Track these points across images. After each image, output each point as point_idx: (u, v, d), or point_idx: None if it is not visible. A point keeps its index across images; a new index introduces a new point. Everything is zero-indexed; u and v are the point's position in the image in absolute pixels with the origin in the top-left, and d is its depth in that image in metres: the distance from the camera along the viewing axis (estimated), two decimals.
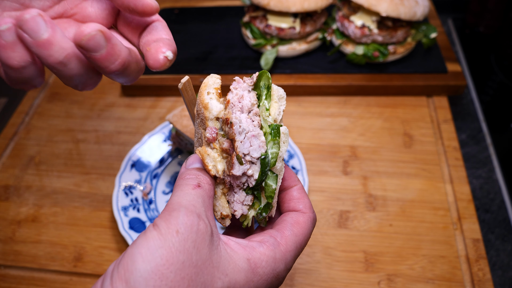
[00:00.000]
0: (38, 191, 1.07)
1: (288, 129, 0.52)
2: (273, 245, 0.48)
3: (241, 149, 0.48)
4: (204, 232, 0.43)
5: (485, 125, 1.23)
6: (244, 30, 1.31)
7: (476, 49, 1.48)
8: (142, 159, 1.04)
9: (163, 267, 0.39)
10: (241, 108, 0.50)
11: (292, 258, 0.50)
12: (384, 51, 1.20)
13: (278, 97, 0.53)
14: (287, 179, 0.55)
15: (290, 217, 0.52)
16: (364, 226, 0.96)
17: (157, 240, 0.41)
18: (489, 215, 1.04)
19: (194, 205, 0.45)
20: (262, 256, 0.46)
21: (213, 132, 0.50)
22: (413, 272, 0.88)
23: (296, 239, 0.50)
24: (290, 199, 0.54)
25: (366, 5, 1.14)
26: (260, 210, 0.52)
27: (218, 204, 0.52)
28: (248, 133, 0.48)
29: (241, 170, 0.48)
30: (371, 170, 1.06)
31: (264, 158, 0.49)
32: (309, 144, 1.13)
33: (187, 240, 0.41)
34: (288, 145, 0.52)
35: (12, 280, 0.92)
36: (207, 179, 0.50)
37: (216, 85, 0.52)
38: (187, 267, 0.40)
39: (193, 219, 0.43)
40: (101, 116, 1.24)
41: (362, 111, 1.20)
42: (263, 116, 0.51)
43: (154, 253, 0.40)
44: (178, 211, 0.43)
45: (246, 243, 0.48)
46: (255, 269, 0.45)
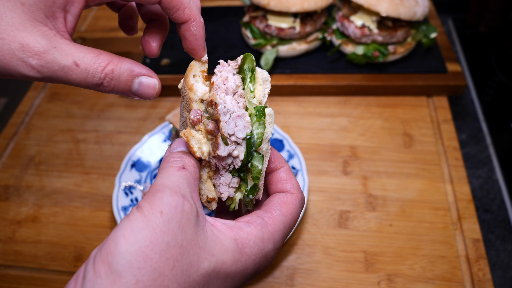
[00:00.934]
0: (38, 191, 1.07)
1: (273, 111, 0.52)
2: (260, 225, 0.48)
3: (226, 129, 0.47)
4: (189, 213, 0.42)
5: (485, 125, 1.23)
6: (244, 30, 1.31)
7: (476, 49, 1.48)
8: (142, 159, 1.04)
9: (147, 248, 0.39)
10: (226, 90, 0.50)
11: (281, 238, 0.49)
12: (384, 51, 1.20)
13: (263, 79, 0.53)
14: (273, 161, 0.55)
15: (278, 198, 0.52)
16: (364, 226, 0.96)
17: (140, 221, 0.40)
18: (489, 215, 1.04)
19: (179, 186, 0.44)
20: (250, 236, 0.46)
21: (198, 114, 0.50)
22: (413, 272, 0.88)
23: (284, 219, 0.50)
24: (278, 180, 0.54)
25: (366, 5, 1.14)
26: (246, 192, 0.52)
27: (204, 187, 0.51)
28: (233, 114, 0.48)
29: (227, 150, 0.48)
30: (371, 170, 1.06)
31: (249, 139, 0.48)
32: (309, 144, 1.13)
33: (172, 220, 0.41)
34: (273, 126, 0.52)
35: (12, 280, 0.92)
36: (192, 161, 0.49)
37: (203, 68, 0.52)
38: (172, 248, 0.40)
39: (178, 200, 0.42)
40: (101, 116, 1.24)
41: (362, 111, 1.20)
42: (248, 98, 0.51)
43: (137, 234, 0.39)
44: (162, 192, 0.43)
45: (233, 224, 0.47)
46: (243, 249, 0.45)
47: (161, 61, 1.32)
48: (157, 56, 0.58)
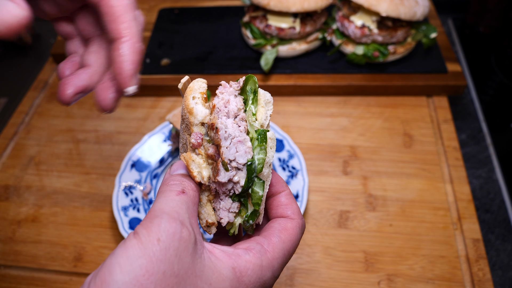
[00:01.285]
0: (38, 191, 1.07)
1: (274, 135, 0.51)
2: (259, 252, 0.46)
3: (227, 155, 0.47)
4: (187, 240, 0.41)
5: (485, 125, 1.23)
6: (244, 30, 1.31)
7: (476, 49, 1.48)
8: (142, 159, 1.04)
9: (142, 277, 0.38)
10: (227, 113, 0.49)
11: (280, 266, 0.48)
12: (384, 51, 1.20)
13: (265, 101, 0.52)
14: (275, 185, 0.54)
15: (278, 224, 0.51)
16: (364, 226, 0.96)
17: (136, 249, 0.39)
18: (489, 215, 1.04)
19: (178, 212, 0.43)
20: (248, 264, 0.45)
21: (198, 138, 0.48)
22: (413, 272, 0.88)
23: (283, 246, 0.49)
24: (278, 205, 0.53)
25: (366, 5, 1.14)
26: (246, 218, 0.51)
27: (203, 211, 0.51)
28: (234, 139, 0.47)
29: (227, 176, 0.47)
30: (371, 170, 1.06)
31: (250, 164, 0.48)
32: (309, 144, 1.12)
33: (169, 248, 0.40)
34: (275, 150, 0.51)
35: (12, 280, 0.92)
36: (192, 185, 0.48)
37: (202, 89, 0.50)
38: (168, 277, 0.39)
39: (176, 227, 0.41)
40: (101, 116, 1.24)
41: (362, 111, 1.20)
42: (250, 121, 0.50)
43: (133, 263, 0.38)
44: (160, 218, 0.42)
45: (232, 251, 0.46)
46: (241, 277, 0.44)
47: (161, 61, 1.32)
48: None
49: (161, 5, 1.56)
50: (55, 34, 1.53)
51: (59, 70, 0.56)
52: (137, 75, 0.50)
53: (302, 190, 0.96)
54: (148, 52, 1.35)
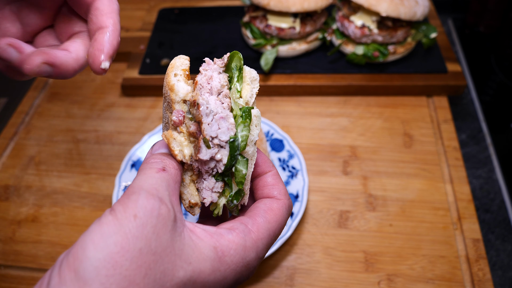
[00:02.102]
0: (38, 191, 1.07)
1: (260, 112, 0.50)
2: (243, 232, 0.45)
3: (208, 131, 0.45)
4: (165, 217, 0.40)
5: (485, 125, 1.23)
6: (244, 30, 1.31)
7: (476, 49, 1.48)
8: (142, 159, 1.04)
9: (117, 254, 0.36)
10: (210, 89, 0.47)
11: (265, 246, 0.47)
12: (384, 51, 1.20)
13: (251, 79, 0.51)
14: (261, 165, 0.52)
15: (263, 204, 0.49)
16: (364, 226, 0.96)
17: (112, 225, 0.37)
18: (489, 215, 1.04)
19: (157, 189, 0.42)
20: (231, 244, 0.43)
21: (180, 115, 0.47)
22: (413, 272, 0.88)
23: (269, 226, 0.47)
24: (264, 185, 0.52)
25: (366, 5, 1.14)
26: (230, 197, 0.49)
27: (186, 192, 0.49)
28: (216, 115, 0.46)
29: (209, 154, 0.45)
30: (371, 170, 1.06)
31: (233, 141, 0.46)
32: (309, 144, 1.13)
33: (146, 225, 0.38)
34: (260, 128, 0.49)
35: (12, 280, 0.92)
36: (173, 163, 0.47)
37: (184, 66, 0.49)
38: (145, 255, 0.37)
39: (154, 203, 0.40)
40: (101, 116, 1.24)
41: (362, 111, 1.20)
42: (234, 98, 0.49)
43: (108, 239, 0.36)
44: (138, 194, 0.40)
45: (214, 230, 0.44)
46: (222, 257, 0.42)
47: (161, 61, 1.32)
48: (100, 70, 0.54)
49: (161, 5, 1.56)
50: None
51: (15, 45, 0.52)
52: (111, 58, 0.52)
53: (302, 190, 0.96)
54: (148, 52, 1.35)
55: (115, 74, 1.37)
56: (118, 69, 1.38)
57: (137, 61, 1.33)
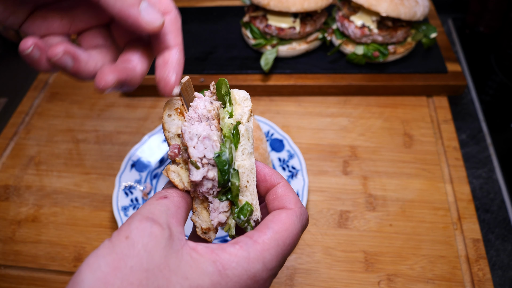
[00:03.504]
0: (38, 191, 1.07)
1: (252, 127, 0.52)
2: (246, 244, 0.44)
3: (194, 153, 0.47)
4: (158, 235, 0.41)
5: (485, 125, 1.23)
6: (244, 30, 1.31)
7: (476, 49, 1.48)
8: (142, 159, 1.04)
9: (109, 274, 0.38)
10: (199, 117, 0.50)
11: (274, 257, 0.45)
12: (384, 51, 1.20)
13: (241, 99, 0.53)
14: (268, 178, 0.52)
15: (272, 215, 0.49)
16: (364, 226, 0.96)
17: (106, 248, 0.40)
18: (489, 215, 1.04)
19: (152, 212, 0.43)
20: (232, 257, 0.43)
21: (175, 148, 0.50)
22: (413, 272, 0.88)
23: (276, 236, 0.46)
24: (274, 198, 0.51)
25: (366, 5, 1.14)
26: (236, 214, 0.50)
27: (198, 219, 0.51)
28: (200, 137, 0.48)
29: (200, 174, 0.47)
30: (371, 170, 1.06)
31: (219, 156, 0.48)
32: (309, 144, 1.13)
33: (137, 244, 0.40)
34: (253, 141, 0.52)
35: (12, 280, 0.92)
36: (177, 192, 0.48)
37: (177, 105, 0.52)
38: (136, 272, 0.38)
39: (146, 224, 0.41)
40: (101, 116, 1.24)
41: (362, 111, 1.20)
42: (224, 119, 0.51)
43: (101, 261, 0.39)
44: (132, 218, 0.42)
45: (216, 246, 0.44)
46: (223, 271, 0.42)
47: None
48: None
49: None
50: None
51: (71, 52, 0.49)
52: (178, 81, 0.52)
53: (302, 190, 0.96)
54: None
55: None
56: None
57: None
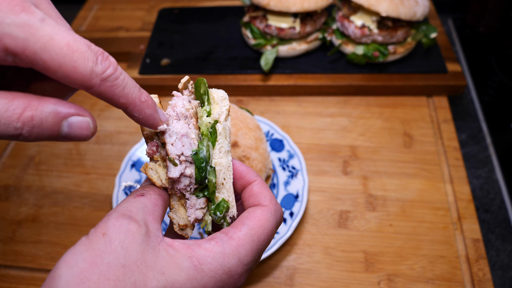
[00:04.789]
0: (38, 191, 1.07)
1: (229, 126, 0.53)
2: (222, 240, 0.45)
3: (172, 150, 0.48)
4: (134, 232, 0.42)
5: (485, 125, 1.23)
6: (244, 30, 1.31)
7: (476, 49, 1.48)
8: (142, 159, 1.04)
9: (86, 270, 0.38)
10: (177, 115, 0.50)
11: (249, 253, 0.46)
12: (384, 51, 1.20)
13: (220, 98, 0.54)
14: (244, 176, 0.53)
15: (247, 212, 0.50)
16: (364, 226, 0.96)
17: (83, 245, 0.40)
18: (489, 215, 1.04)
19: (129, 210, 0.44)
20: (208, 253, 0.44)
21: (153, 146, 0.50)
22: (413, 272, 0.88)
23: (251, 232, 0.47)
24: (250, 195, 0.52)
25: (366, 5, 1.14)
26: (213, 210, 0.51)
27: (175, 216, 0.51)
28: (178, 135, 0.49)
29: (177, 171, 0.48)
30: (371, 170, 1.06)
31: (196, 153, 0.49)
32: (309, 144, 1.12)
33: (114, 240, 0.40)
34: (229, 139, 0.53)
35: (12, 280, 0.92)
36: (154, 189, 0.49)
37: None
38: (113, 267, 0.39)
39: (123, 221, 0.42)
40: (101, 116, 1.24)
41: (362, 111, 1.20)
42: (202, 118, 0.52)
43: (78, 257, 0.39)
44: (109, 216, 0.43)
45: (193, 242, 0.45)
46: (199, 266, 0.43)
47: (161, 61, 1.32)
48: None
49: (161, 5, 1.56)
50: None
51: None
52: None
53: (302, 190, 0.96)
54: (148, 52, 1.35)
55: None
56: None
57: (137, 61, 1.33)
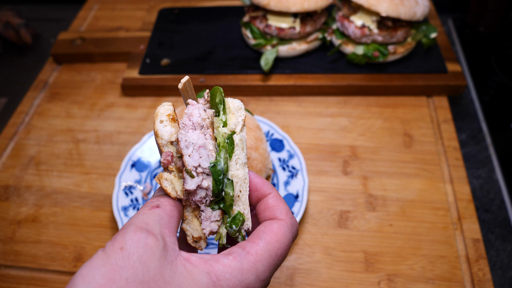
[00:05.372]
0: (38, 191, 1.07)
1: (245, 136, 0.52)
2: (240, 255, 0.44)
3: (189, 162, 0.47)
4: (153, 247, 0.41)
5: (485, 125, 1.23)
6: (244, 30, 1.31)
7: (476, 49, 1.48)
8: (142, 159, 1.04)
9: (104, 286, 0.37)
10: (193, 125, 0.49)
11: (266, 268, 0.45)
12: (384, 51, 1.20)
13: (235, 108, 0.53)
14: (259, 189, 0.53)
15: (263, 226, 0.49)
16: (364, 226, 0.96)
17: (100, 259, 0.39)
18: (489, 215, 1.04)
19: (146, 223, 0.43)
20: (226, 268, 0.43)
21: (168, 156, 0.49)
22: (413, 272, 0.88)
23: (269, 247, 0.46)
24: (265, 208, 0.51)
25: (366, 5, 1.14)
26: (228, 223, 0.50)
27: (189, 227, 0.51)
28: (195, 146, 0.48)
29: (194, 183, 0.47)
30: (371, 170, 1.06)
31: (214, 166, 0.48)
32: (309, 144, 1.12)
33: (132, 255, 0.39)
34: (246, 151, 0.52)
35: (12, 280, 0.92)
36: (169, 201, 0.48)
37: (168, 111, 0.51)
38: (131, 284, 0.38)
39: (141, 235, 0.41)
40: (101, 116, 1.24)
41: (362, 111, 1.20)
42: (218, 128, 0.51)
43: (95, 272, 0.38)
44: (126, 229, 0.42)
45: (210, 257, 0.44)
46: (217, 282, 0.42)
47: (161, 61, 1.32)
48: None
49: (161, 5, 1.56)
50: (55, 34, 1.53)
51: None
52: None
53: (302, 190, 0.96)
54: (148, 52, 1.35)
55: (115, 74, 1.37)
56: (118, 69, 1.38)
57: (137, 61, 1.33)
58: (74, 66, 1.41)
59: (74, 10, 1.65)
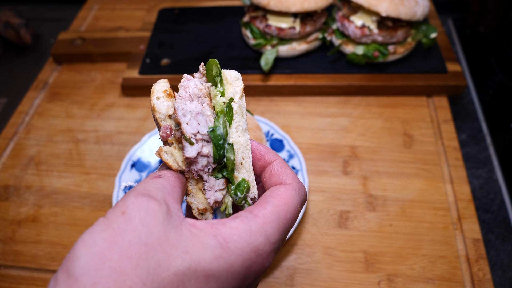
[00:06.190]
0: (38, 191, 1.07)
1: (244, 104, 0.51)
2: (247, 218, 0.44)
3: (188, 129, 0.46)
4: (155, 210, 0.40)
5: (485, 125, 1.23)
6: (244, 30, 1.31)
7: (476, 49, 1.48)
8: (142, 159, 1.04)
9: (106, 249, 0.37)
10: (190, 96, 0.49)
11: (275, 230, 0.44)
12: (384, 51, 1.20)
13: (233, 79, 0.52)
14: (263, 156, 0.52)
15: (270, 191, 0.48)
16: (364, 226, 0.96)
17: (101, 224, 0.39)
18: (489, 215, 1.04)
19: (148, 189, 0.42)
20: (233, 230, 0.42)
21: (166, 129, 0.48)
22: (413, 272, 0.88)
23: (277, 210, 0.45)
24: (271, 175, 0.51)
25: (366, 5, 1.14)
26: (233, 191, 0.49)
27: (194, 201, 0.50)
28: (193, 113, 0.47)
29: (194, 150, 0.46)
30: (371, 170, 1.06)
31: (213, 130, 0.47)
32: (309, 144, 1.12)
33: (134, 218, 0.39)
34: (246, 117, 0.51)
35: (12, 280, 0.92)
36: (171, 172, 0.48)
37: (164, 87, 0.51)
38: (135, 246, 0.37)
39: (142, 199, 0.40)
40: (101, 116, 1.24)
41: (362, 111, 1.20)
42: (217, 97, 0.50)
43: (97, 237, 0.38)
44: (128, 195, 0.41)
45: (216, 221, 0.43)
46: (225, 244, 0.41)
47: (161, 61, 1.32)
48: None
49: (161, 5, 1.56)
50: (55, 34, 1.53)
51: None
52: None
53: None
54: (148, 52, 1.35)
55: (115, 74, 1.37)
56: (118, 69, 1.38)
57: (137, 61, 1.33)
58: (74, 66, 1.41)
59: (74, 10, 1.65)
